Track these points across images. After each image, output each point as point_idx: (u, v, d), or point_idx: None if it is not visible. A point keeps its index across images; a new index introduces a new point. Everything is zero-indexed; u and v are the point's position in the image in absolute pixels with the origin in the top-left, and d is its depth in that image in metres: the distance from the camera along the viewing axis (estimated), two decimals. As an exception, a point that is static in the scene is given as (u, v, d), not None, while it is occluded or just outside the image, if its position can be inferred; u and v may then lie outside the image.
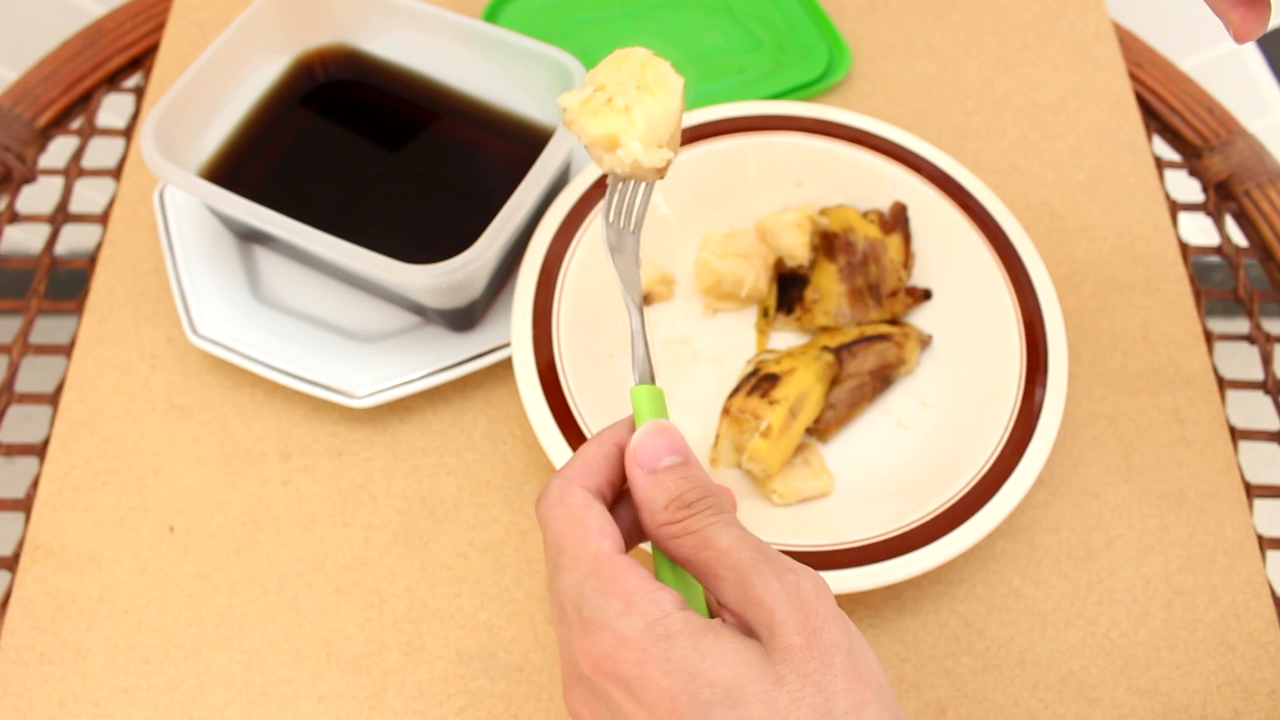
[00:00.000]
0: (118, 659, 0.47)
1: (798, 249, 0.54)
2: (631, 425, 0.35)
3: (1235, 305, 0.60)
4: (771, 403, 0.48)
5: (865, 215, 0.55)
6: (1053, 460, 0.52)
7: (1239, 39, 0.40)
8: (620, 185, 0.40)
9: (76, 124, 0.66)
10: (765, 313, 0.55)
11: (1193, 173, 0.65)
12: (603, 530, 0.32)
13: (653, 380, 0.37)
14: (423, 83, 0.58)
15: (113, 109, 0.67)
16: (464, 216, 0.53)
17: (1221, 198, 0.64)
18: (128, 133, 0.64)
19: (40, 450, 0.53)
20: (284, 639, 0.48)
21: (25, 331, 0.58)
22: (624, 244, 0.41)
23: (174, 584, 0.49)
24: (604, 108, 0.40)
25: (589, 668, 0.31)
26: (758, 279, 0.53)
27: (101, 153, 0.65)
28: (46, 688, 0.46)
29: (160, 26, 0.68)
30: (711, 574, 0.32)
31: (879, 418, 0.53)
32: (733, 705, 0.28)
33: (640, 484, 0.33)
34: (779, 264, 0.55)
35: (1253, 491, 0.53)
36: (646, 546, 0.43)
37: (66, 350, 0.56)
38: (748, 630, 0.31)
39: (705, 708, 0.29)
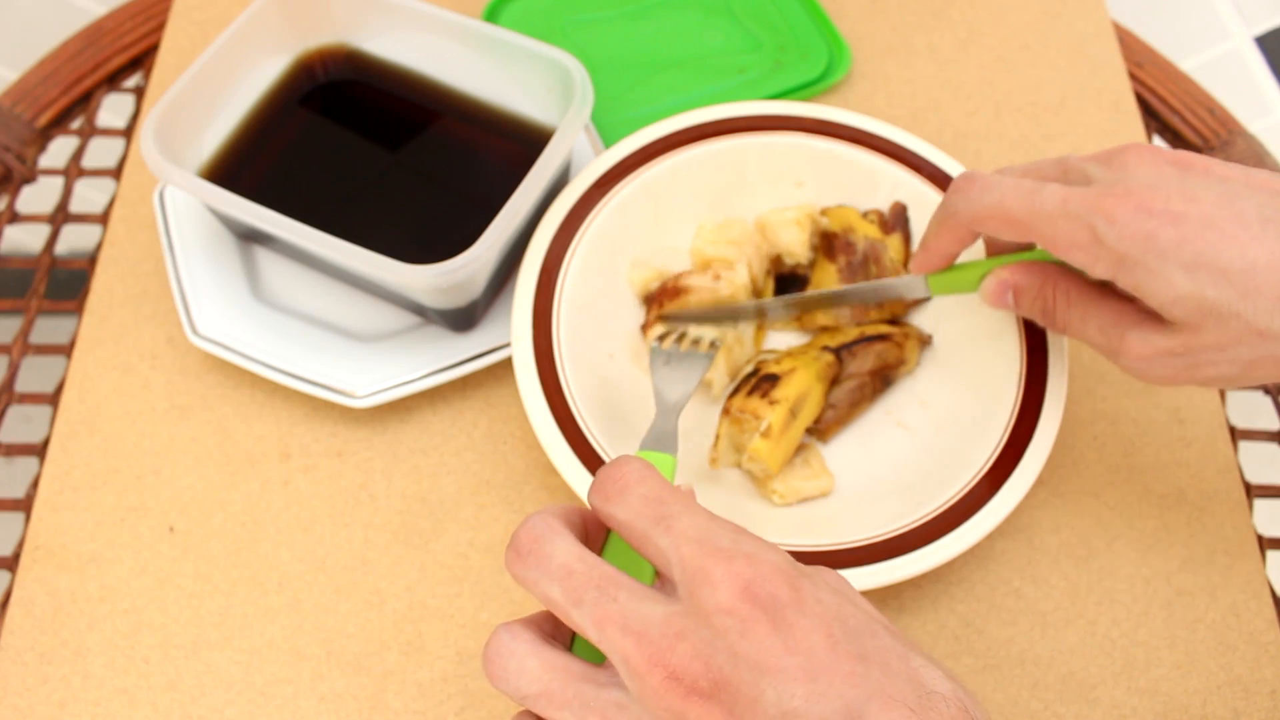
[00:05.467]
0: (118, 659, 0.47)
1: (797, 246, 0.54)
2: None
3: (1235, 305, 0.60)
4: (771, 403, 0.48)
5: (865, 215, 0.55)
6: (1053, 460, 0.52)
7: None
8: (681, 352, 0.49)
9: (76, 124, 0.66)
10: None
11: (1193, 173, 0.65)
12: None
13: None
14: (423, 83, 0.58)
15: (113, 109, 0.67)
16: (464, 216, 0.53)
17: (1221, 198, 0.64)
18: (128, 133, 0.64)
19: (40, 450, 0.53)
20: (284, 639, 0.48)
21: (25, 331, 0.58)
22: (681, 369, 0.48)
23: (174, 584, 0.49)
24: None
25: (736, 592, 0.29)
26: (750, 266, 0.53)
27: (101, 153, 0.65)
28: (46, 688, 0.46)
29: (160, 26, 0.68)
30: None
31: (879, 418, 0.53)
32: (873, 636, 0.30)
33: None
34: (778, 261, 0.55)
35: (1253, 491, 0.53)
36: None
37: (66, 350, 0.56)
38: None
39: (855, 635, 0.29)
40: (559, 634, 0.33)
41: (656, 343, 0.50)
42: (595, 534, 0.35)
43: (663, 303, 0.53)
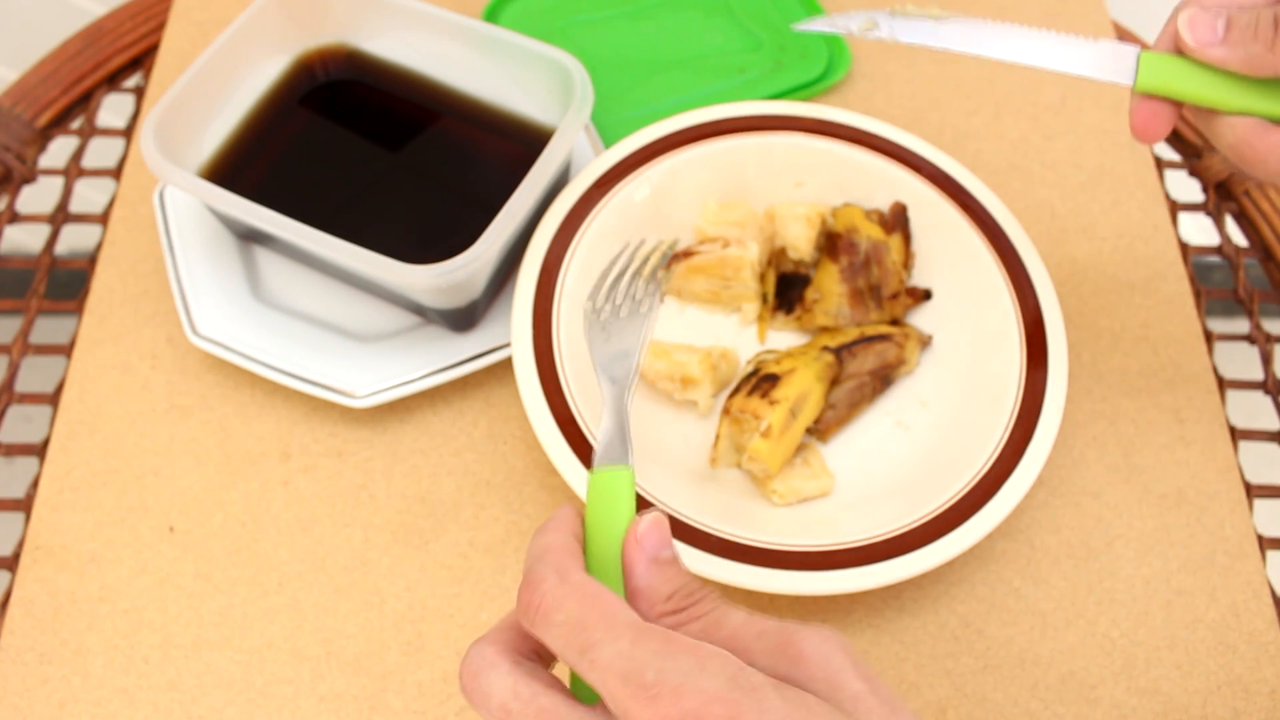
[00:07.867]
0: (118, 659, 0.47)
1: (801, 242, 0.54)
2: (579, 514, 0.34)
3: (1235, 305, 0.60)
4: (772, 403, 0.48)
5: (866, 215, 0.55)
6: (1053, 460, 0.52)
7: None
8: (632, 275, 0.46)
9: (76, 124, 0.66)
10: (764, 298, 0.55)
11: (1193, 173, 0.65)
12: (623, 602, 0.30)
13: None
14: (423, 83, 0.58)
15: (113, 109, 0.67)
16: (464, 216, 0.53)
17: (1221, 198, 0.64)
18: (128, 133, 0.64)
19: (40, 450, 0.53)
20: (284, 639, 0.48)
21: (25, 331, 0.58)
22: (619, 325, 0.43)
23: (174, 584, 0.49)
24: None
25: None
26: (750, 248, 0.53)
27: (101, 153, 0.65)
28: (46, 688, 0.46)
29: (160, 26, 0.68)
30: (732, 651, 0.30)
31: (879, 418, 0.53)
32: None
33: (643, 572, 0.32)
34: (781, 255, 0.55)
35: (1253, 491, 0.53)
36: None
37: (66, 350, 0.56)
38: None
39: None
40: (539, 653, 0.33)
41: (589, 303, 0.44)
42: None
43: (670, 266, 0.54)
